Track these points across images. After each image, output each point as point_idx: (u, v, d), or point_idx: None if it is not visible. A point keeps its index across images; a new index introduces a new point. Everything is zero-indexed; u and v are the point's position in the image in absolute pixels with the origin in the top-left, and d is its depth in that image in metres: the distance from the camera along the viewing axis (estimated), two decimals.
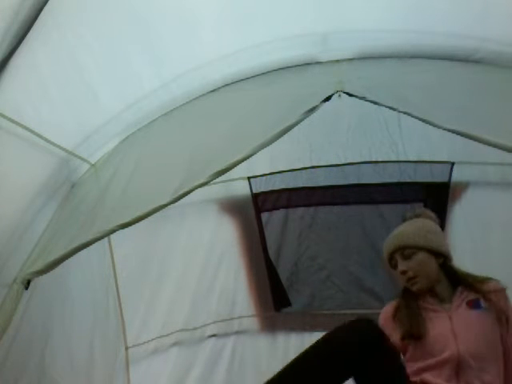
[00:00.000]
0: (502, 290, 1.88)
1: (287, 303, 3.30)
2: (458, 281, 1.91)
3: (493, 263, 2.94)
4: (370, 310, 2.83)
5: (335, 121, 2.88)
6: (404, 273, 1.88)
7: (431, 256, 1.89)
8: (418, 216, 2.02)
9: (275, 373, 1.80)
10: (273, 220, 3.26)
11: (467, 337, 1.76)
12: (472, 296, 1.85)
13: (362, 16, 2.13)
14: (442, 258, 1.92)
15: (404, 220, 2.04)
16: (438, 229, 1.99)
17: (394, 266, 1.93)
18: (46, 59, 1.88)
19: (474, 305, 1.83)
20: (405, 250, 1.89)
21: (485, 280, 1.90)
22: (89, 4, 1.84)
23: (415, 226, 1.95)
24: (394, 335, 1.87)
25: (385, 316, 1.96)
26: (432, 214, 2.05)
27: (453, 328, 1.79)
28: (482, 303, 1.82)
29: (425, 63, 2.28)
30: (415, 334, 1.81)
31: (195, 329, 3.21)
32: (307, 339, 3.23)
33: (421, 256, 1.88)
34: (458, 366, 1.73)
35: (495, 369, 1.75)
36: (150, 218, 1.97)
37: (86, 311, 2.68)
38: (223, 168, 1.93)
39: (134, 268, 3.00)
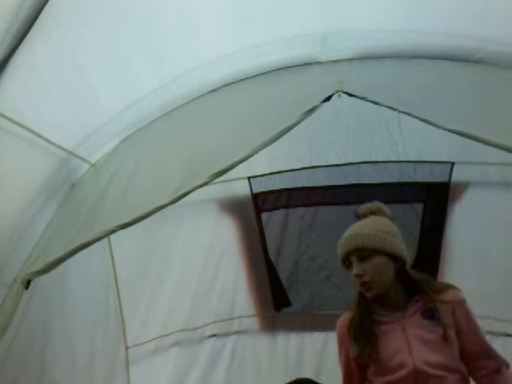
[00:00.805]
0: (459, 302, 1.77)
1: (287, 303, 3.30)
2: (414, 287, 1.81)
3: (493, 263, 2.95)
4: None
5: (335, 121, 2.88)
6: (359, 276, 1.76)
7: (389, 260, 1.76)
8: (373, 213, 1.87)
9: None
10: (273, 220, 3.26)
11: (422, 349, 1.70)
12: (428, 305, 1.76)
13: (362, 16, 2.13)
14: (400, 263, 1.79)
15: (358, 216, 1.89)
16: (397, 229, 1.85)
17: (348, 266, 1.81)
18: (46, 59, 1.88)
19: (428, 315, 1.75)
20: (363, 252, 1.75)
21: (443, 289, 1.80)
22: (89, 4, 1.84)
23: (374, 227, 1.79)
24: (352, 353, 1.81)
25: (341, 330, 1.88)
26: (388, 211, 1.90)
27: (407, 341, 1.73)
28: (436, 313, 1.74)
29: (425, 63, 2.29)
30: (367, 358, 1.75)
31: (195, 329, 3.22)
32: (307, 339, 3.24)
33: (379, 259, 1.74)
34: (418, 380, 1.69)
35: (458, 378, 1.71)
36: (149, 217, 1.97)
37: (86, 311, 2.68)
38: (223, 168, 1.93)
39: (134, 268, 3.00)
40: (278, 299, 3.30)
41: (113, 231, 1.99)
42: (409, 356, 1.71)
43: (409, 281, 1.82)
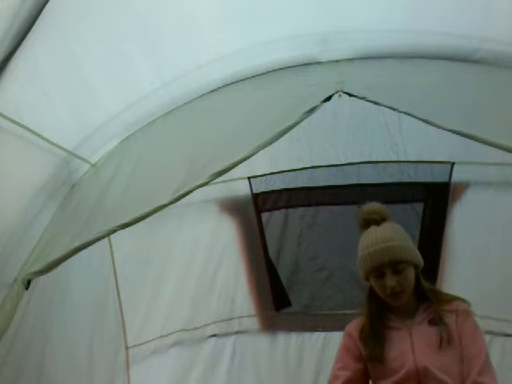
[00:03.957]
0: (462, 311, 1.82)
1: (287, 303, 3.30)
2: (423, 294, 1.88)
3: (493, 263, 2.95)
4: None
5: (335, 121, 2.88)
6: (392, 287, 1.79)
7: (414, 269, 1.83)
8: (384, 219, 1.90)
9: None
10: (273, 220, 3.26)
11: (425, 351, 1.76)
12: (435, 314, 1.83)
13: (363, 16, 2.13)
14: (418, 270, 1.87)
15: (366, 221, 1.90)
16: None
17: (377, 276, 1.83)
18: (46, 59, 1.88)
19: (435, 323, 1.81)
20: (398, 265, 1.79)
21: (449, 300, 1.87)
22: (89, 4, 1.85)
23: (402, 237, 1.85)
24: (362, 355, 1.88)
25: (350, 336, 1.93)
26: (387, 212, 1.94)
27: (412, 344, 1.79)
28: (440, 319, 1.80)
29: (425, 63, 2.28)
30: (376, 358, 1.81)
31: (195, 329, 3.21)
32: (307, 339, 3.24)
33: (409, 270, 1.81)
34: (420, 381, 1.73)
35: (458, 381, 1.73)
36: (149, 217, 1.97)
37: (86, 311, 2.68)
38: (223, 168, 1.93)
39: (134, 268, 3.00)
40: (278, 299, 3.29)
41: (113, 231, 1.99)
42: (411, 356, 1.76)
43: (419, 287, 1.88)
